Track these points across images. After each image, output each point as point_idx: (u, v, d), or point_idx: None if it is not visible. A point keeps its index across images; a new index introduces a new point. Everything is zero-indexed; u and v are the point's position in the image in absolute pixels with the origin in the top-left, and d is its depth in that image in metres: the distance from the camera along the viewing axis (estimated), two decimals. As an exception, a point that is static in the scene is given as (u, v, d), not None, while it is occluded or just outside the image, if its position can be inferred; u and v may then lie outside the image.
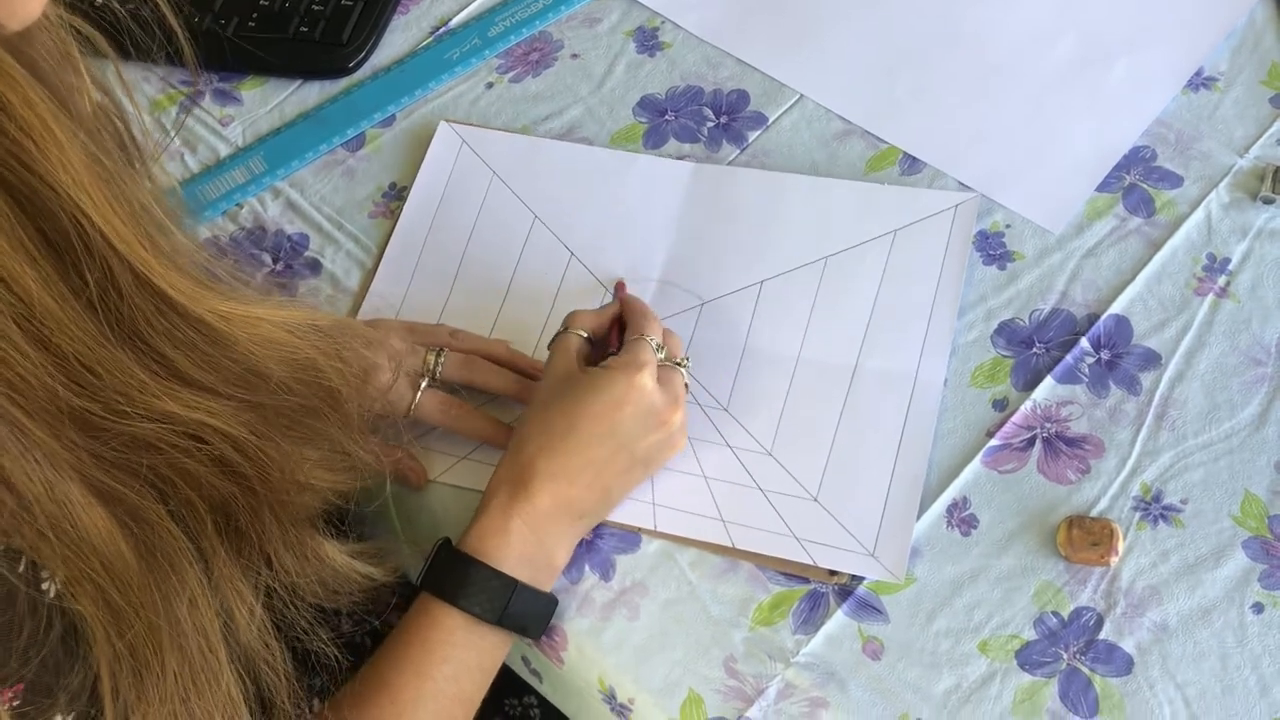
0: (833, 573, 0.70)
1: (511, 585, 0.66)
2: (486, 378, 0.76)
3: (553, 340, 0.74)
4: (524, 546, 0.67)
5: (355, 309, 0.83)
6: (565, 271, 0.83)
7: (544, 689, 0.78)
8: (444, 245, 0.85)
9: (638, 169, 0.87)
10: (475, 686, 0.67)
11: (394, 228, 0.86)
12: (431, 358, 0.76)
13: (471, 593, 0.65)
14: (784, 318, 0.80)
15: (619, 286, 0.81)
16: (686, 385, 0.74)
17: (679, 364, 0.73)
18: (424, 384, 0.75)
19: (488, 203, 0.86)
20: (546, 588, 0.69)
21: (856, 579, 0.70)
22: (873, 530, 0.71)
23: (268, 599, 0.60)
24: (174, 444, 0.51)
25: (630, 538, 0.73)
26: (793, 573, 0.70)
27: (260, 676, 0.59)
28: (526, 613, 0.67)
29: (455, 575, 0.66)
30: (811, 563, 0.70)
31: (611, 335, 0.75)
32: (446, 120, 0.90)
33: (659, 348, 0.72)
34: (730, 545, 0.71)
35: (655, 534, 0.73)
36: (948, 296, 0.78)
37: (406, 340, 0.76)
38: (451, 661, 0.66)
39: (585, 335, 0.74)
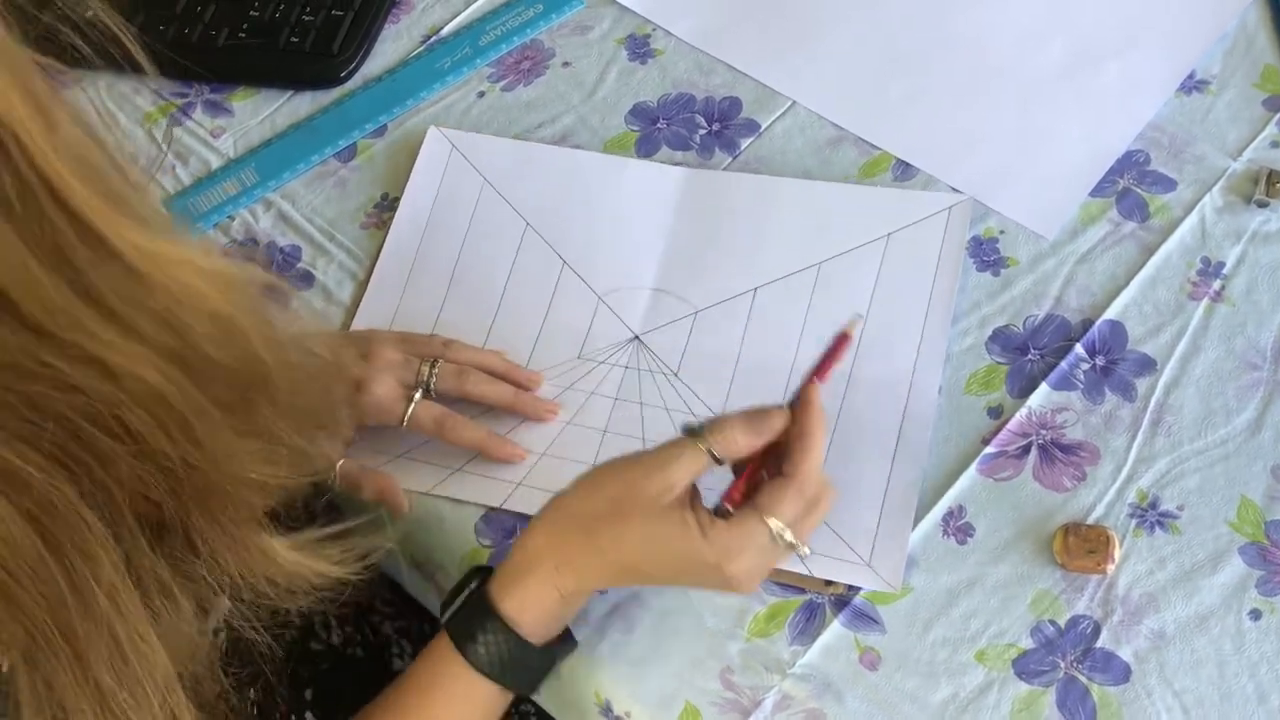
0: (829, 583, 0.70)
1: (529, 650, 0.64)
2: (481, 389, 0.76)
3: (684, 435, 0.64)
4: (553, 614, 0.65)
5: (348, 322, 0.83)
6: (558, 280, 0.83)
7: (541, 699, 0.77)
8: (436, 255, 0.85)
9: (629, 174, 0.87)
10: None
11: (385, 238, 0.86)
12: (425, 369, 0.75)
13: (489, 651, 0.63)
14: (778, 325, 0.79)
15: (808, 392, 0.66)
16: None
17: (794, 547, 0.63)
18: (418, 395, 0.74)
19: (479, 211, 0.86)
20: (553, 635, 0.67)
21: (853, 589, 0.70)
22: (868, 540, 0.71)
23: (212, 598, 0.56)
24: (86, 401, 0.46)
25: (625, 549, 0.73)
26: (789, 583, 0.70)
27: (200, 684, 0.56)
28: (536, 673, 0.66)
29: (477, 625, 0.64)
30: (807, 573, 0.70)
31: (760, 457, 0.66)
32: (436, 126, 0.90)
33: (783, 531, 0.62)
34: None
35: None
36: (942, 302, 0.78)
37: (400, 351, 0.76)
38: (454, 707, 0.65)
39: (716, 457, 0.64)
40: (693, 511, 0.63)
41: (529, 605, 0.64)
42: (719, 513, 0.63)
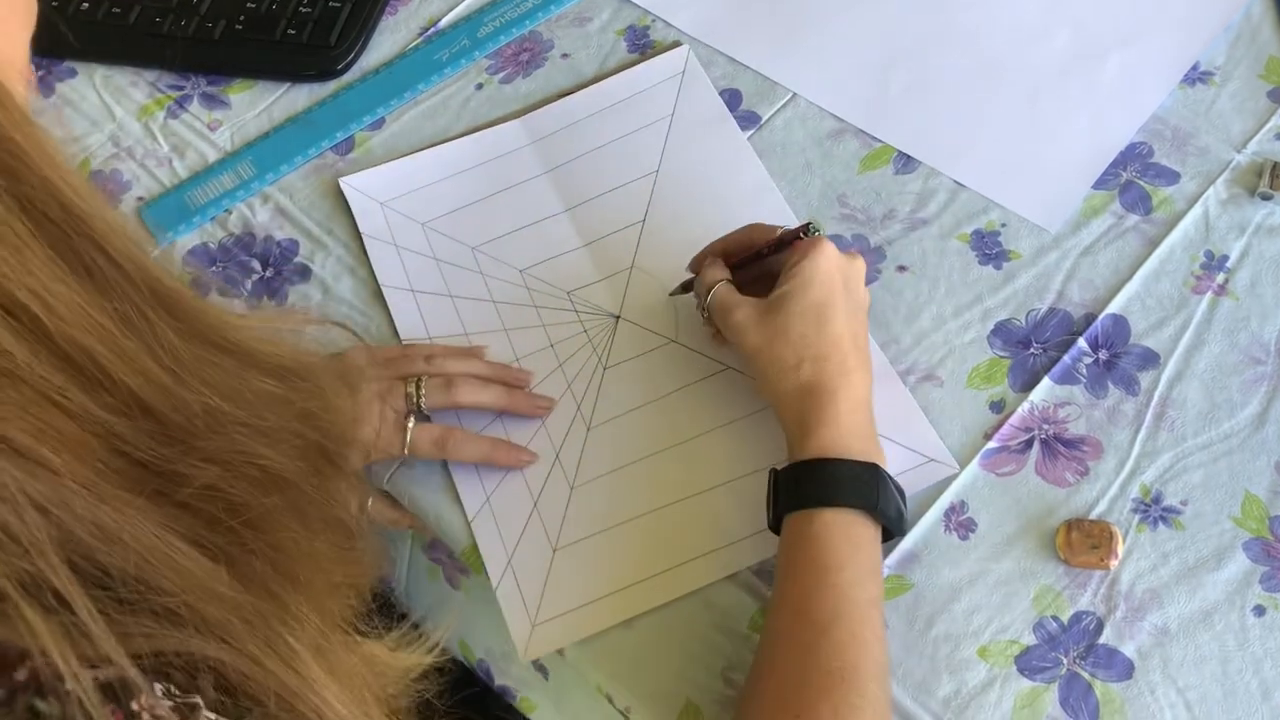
0: None
1: (875, 470, 0.65)
2: (473, 397, 0.75)
3: (708, 305, 0.73)
4: (849, 433, 0.66)
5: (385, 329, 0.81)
6: (527, 276, 0.83)
7: (549, 688, 0.77)
8: (425, 274, 0.83)
9: (493, 142, 0.88)
10: (878, 589, 0.64)
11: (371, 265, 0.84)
12: (412, 390, 0.73)
13: (852, 489, 0.64)
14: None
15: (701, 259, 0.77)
16: None
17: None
18: (411, 423, 0.72)
19: (433, 246, 0.85)
20: (877, 459, 0.67)
21: None
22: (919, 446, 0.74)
23: None
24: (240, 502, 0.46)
25: (626, 545, 0.72)
26: None
27: None
28: (892, 500, 0.66)
29: (824, 479, 0.64)
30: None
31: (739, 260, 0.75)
32: (341, 179, 0.88)
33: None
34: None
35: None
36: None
37: (381, 379, 0.73)
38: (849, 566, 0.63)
39: (729, 280, 0.73)
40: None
41: (827, 441, 0.65)
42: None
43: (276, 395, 0.50)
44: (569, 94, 0.90)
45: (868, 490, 0.64)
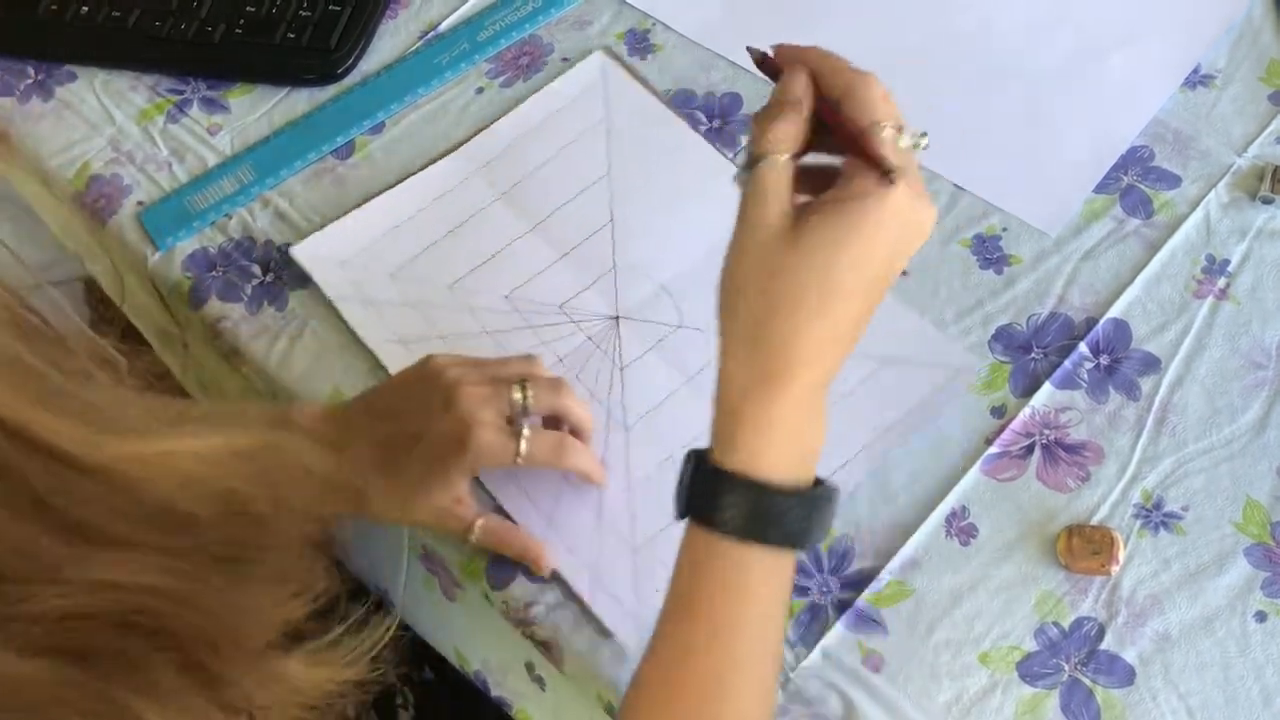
0: None
1: (806, 501, 0.57)
2: (576, 404, 0.71)
3: (745, 174, 0.58)
4: (786, 445, 0.56)
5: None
6: (513, 299, 0.82)
7: (545, 699, 0.77)
8: (407, 322, 0.81)
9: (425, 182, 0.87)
10: (777, 634, 0.59)
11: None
12: (519, 394, 0.68)
13: (774, 525, 0.56)
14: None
15: (776, 56, 0.63)
16: None
17: (917, 145, 0.57)
18: (526, 430, 0.68)
19: (405, 293, 0.82)
20: (811, 475, 0.58)
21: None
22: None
23: None
24: (94, 610, 0.43)
25: (627, 551, 0.72)
26: None
27: None
28: (807, 522, 0.57)
29: (743, 504, 0.56)
30: None
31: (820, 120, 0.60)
32: (292, 248, 0.84)
33: (900, 130, 0.56)
34: None
35: None
36: None
37: (483, 383, 0.69)
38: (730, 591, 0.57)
39: (790, 157, 0.57)
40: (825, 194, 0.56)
41: (755, 450, 0.56)
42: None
43: (173, 512, 0.46)
44: (495, 121, 0.89)
45: (793, 526, 0.56)
